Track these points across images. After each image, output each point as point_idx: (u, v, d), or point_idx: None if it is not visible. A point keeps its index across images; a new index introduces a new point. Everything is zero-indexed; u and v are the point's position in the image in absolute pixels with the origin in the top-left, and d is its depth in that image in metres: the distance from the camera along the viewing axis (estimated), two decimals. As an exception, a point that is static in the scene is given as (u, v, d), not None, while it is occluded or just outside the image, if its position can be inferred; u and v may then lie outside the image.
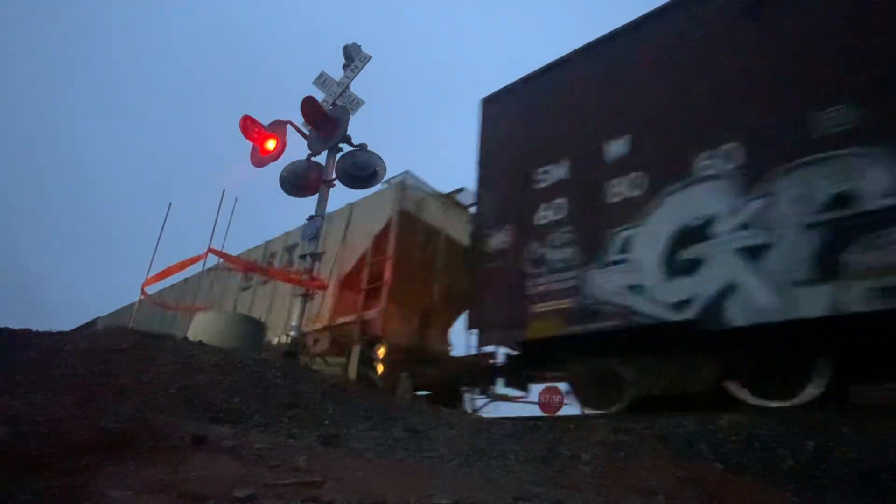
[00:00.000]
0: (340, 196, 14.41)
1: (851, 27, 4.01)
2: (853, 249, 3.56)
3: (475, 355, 6.16)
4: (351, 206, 8.44)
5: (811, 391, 3.90)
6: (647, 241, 4.58)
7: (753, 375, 4.16)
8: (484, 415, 6.71)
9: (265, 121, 7.29)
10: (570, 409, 7.32)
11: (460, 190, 8.72)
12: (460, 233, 8.34)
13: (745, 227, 4.05)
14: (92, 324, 14.25)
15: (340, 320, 7.43)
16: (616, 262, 4.72)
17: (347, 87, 7.48)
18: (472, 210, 8.77)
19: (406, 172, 8.17)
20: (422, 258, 7.71)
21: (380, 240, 7.54)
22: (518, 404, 7.12)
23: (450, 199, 8.54)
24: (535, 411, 9.09)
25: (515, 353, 5.53)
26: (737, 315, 3.95)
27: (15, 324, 4.21)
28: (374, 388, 5.65)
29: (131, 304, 12.59)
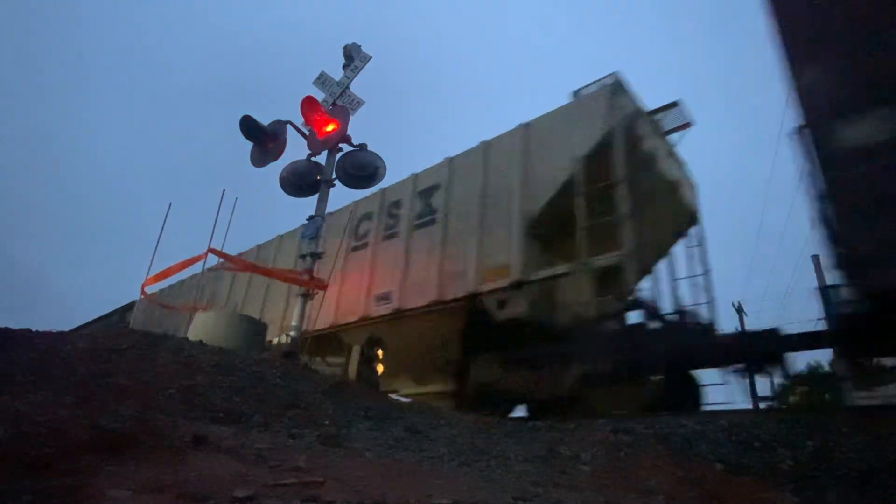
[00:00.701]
0: (341, 196, 14.41)
1: None
2: None
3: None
4: (527, 128, 6.73)
5: None
6: None
7: None
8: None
9: (265, 120, 7.30)
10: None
11: (673, 105, 7.04)
12: (667, 165, 6.74)
13: None
14: (130, 306, 14.13)
15: (544, 273, 5.79)
16: None
17: (347, 87, 7.48)
18: (679, 135, 6.94)
19: (615, 75, 6.50)
20: (642, 189, 5.96)
21: (596, 161, 5.74)
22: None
23: (656, 122, 6.92)
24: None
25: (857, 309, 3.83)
26: None
27: (14, 324, 4.21)
28: (375, 388, 5.65)
29: (168, 287, 12.11)
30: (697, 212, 7.35)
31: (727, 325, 5.50)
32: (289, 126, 7.27)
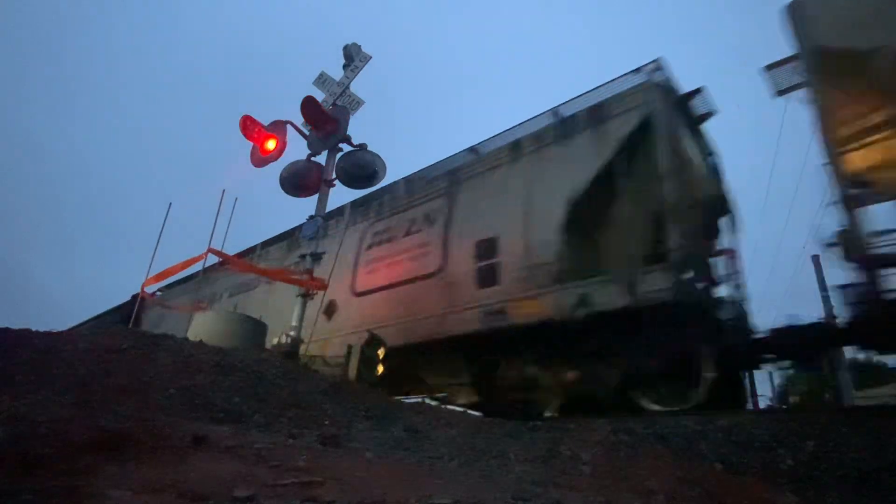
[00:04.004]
0: (341, 196, 14.43)
1: None
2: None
3: None
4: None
5: None
6: None
7: None
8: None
9: (265, 121, 7.30)
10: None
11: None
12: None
13: None
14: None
15: None
16: None
17: (347, 87, 7.48)
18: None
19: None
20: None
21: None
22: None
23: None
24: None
25: None
26: None
27: (12, 324, 4.21)
28: (374, 388, 5.65)
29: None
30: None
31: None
32: (289, 126, 7.28)
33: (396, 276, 7.48)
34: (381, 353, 6.34)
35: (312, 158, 7.25)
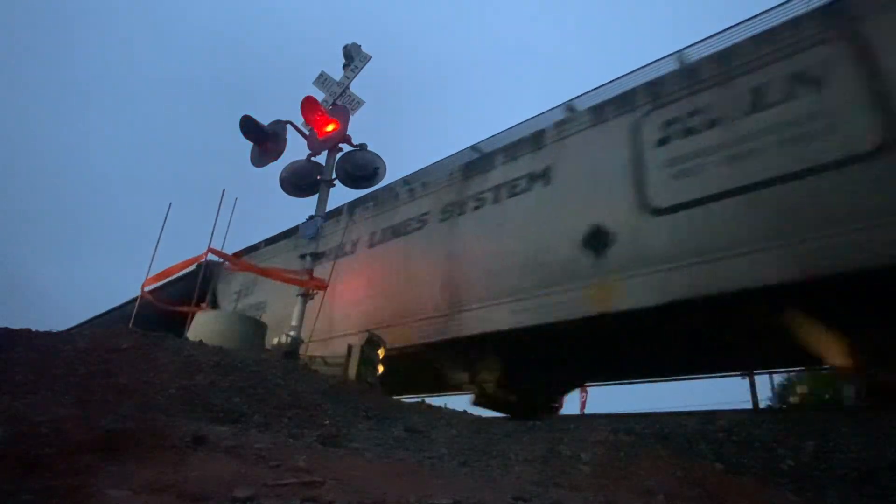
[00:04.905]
0: (341, 196, 14.44)
1: None
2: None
3: None
4: None
5: None
6: None
7: None
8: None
9: (265, 120, 7.31)
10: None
11: None
12: None
13: None
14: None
15: None
16: None
17: (347, 87, 7.49)
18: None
19: None
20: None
21: None
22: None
23: None
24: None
25: None
26: None
27: (12, 324, 4.21)
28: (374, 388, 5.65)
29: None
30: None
31: None
32: (289, 126, 7.28)
33: (757, 173, 4.55)
34: (381, 352, 6.33)
35: (312, 158, 7.26)
